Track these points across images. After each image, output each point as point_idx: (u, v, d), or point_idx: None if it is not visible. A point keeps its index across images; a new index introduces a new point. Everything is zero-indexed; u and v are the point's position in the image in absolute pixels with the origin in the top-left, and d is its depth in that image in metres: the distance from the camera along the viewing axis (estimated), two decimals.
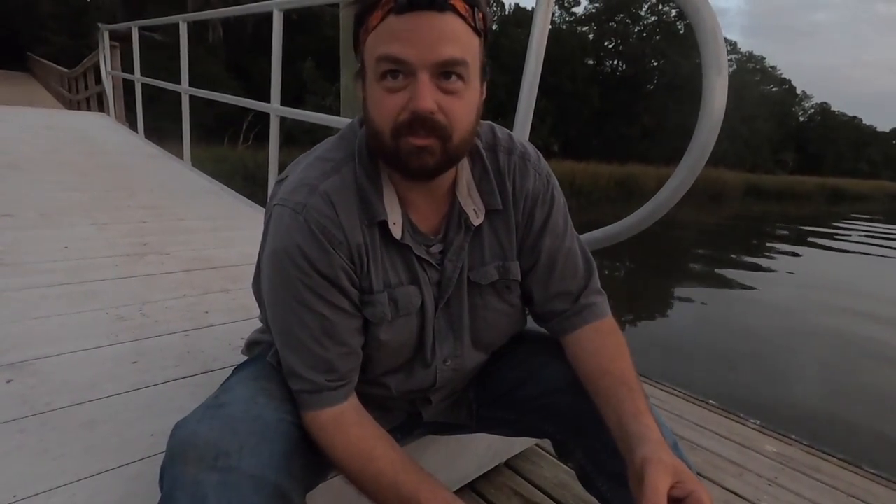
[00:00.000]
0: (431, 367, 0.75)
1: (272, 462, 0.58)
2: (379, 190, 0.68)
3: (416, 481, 0.59)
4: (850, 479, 1.36)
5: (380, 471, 0.60)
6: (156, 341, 1.20)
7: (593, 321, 0.77)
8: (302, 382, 0.65)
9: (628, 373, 0.69)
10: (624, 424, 0.63)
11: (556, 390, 0.81)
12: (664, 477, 0.52)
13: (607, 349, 0.73)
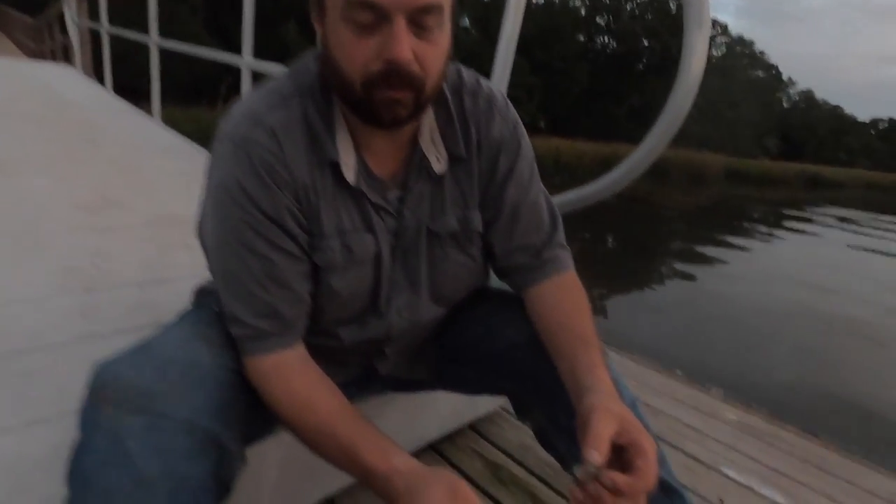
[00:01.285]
0: (385, 317, 0.72)
1: (206, 408, 0.54)
2: (331, 129, 0.63)
3: (354, 432, 0.56)
4: (807, 446, 1.39)
5: (320, 421, 0.57)
6: (108, 294, 1.14)
7: (554, 275, 0.74)
8: (244, 328, 0.61)
9: (586, 328, 0.67)
10: (577, 377, 0.61)
11: (515, 347, 0.79)
12: (608, 423, 0.51)
13: (567, 304, 0.71)
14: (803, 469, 1.29)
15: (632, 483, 0.48)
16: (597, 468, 0.48)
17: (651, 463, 0.50)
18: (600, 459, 0.48)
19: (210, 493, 0.53)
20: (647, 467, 0.49)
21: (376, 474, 0.53)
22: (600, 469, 0.48)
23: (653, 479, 0.49)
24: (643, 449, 0.50)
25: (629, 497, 0.48)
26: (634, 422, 0.53)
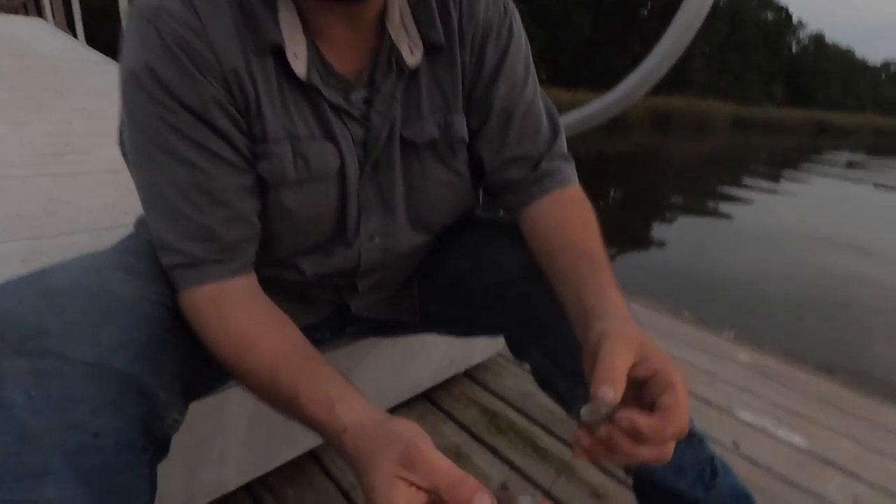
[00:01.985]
0: (354, 245, 0.60)
1: (121, 347, 0.43)
2: (271, 6, 0.50)
3: (299, 377, 0.44)
4: (824, 386, 1.31)
5: (259, 365, 0.46)
6: (57, 240, 1.03)
7: (555, 190, 0.62)
8: (173, 255, 0.50)
9: (593, 246, 0.56)
10: (582, 300, 0.50)
11: (509, 279, 0.68)
12: (623, 352, 0.39)
13: (570, 221, 0.59)
14: (820, 409, 1.21)
15: (657, 426, 0.37)
16: (610, 407, 0.37)
17: (681, 400, 0.38)
18: (614, 396, 0.37)
19: (133, 451, 0.43)
20: (677, 405, 0.37)
21: (324, 430, 0.42)
22: (614, 408, 0.37)
23: (684, 420, 0.37)
24: (670, 382, 0.38)
25: (653, 443, 0.37)
26: (655, 349, 0.41)
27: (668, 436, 0.37)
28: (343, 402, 0.42)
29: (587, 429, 0.38)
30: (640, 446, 0.37)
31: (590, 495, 0.88)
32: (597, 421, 0.37)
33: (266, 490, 0.83)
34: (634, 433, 0.36)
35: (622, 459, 0.38)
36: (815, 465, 1.02)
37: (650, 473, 0.63)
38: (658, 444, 0.38)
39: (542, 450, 0.99)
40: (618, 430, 0.37)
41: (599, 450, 0.38)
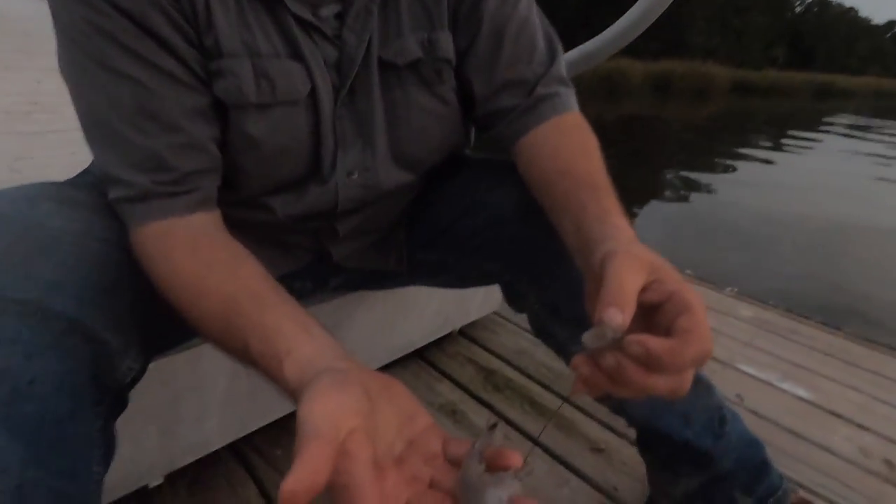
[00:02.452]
0: (329, 182, 0.54)
1: (58, 285, 0.38)
2: None
3: (244, 327, 0.37)
4: (829, 339, 1.28)
5: (209, 312, 0.40)
6: None
7: (553, 117, 0.56)
8: (120, 187, 0.44)
9: (595, 172, 0.50)
10: (583, 229, 0.44)
11: (503, 220, 0.62)
12: (633, 272, 0.33)
13: (569, 147, 0.53)
14: (825, 362, 1.18)
15: (675, 348, 0.30)
16: (617, 332, 0.31)
17: (701, 321, 0.32)
18: (623, 320, 0.31)
19: (79, 401, 0.38)
20: (697, 327, 0.31)
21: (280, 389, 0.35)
22: (622, 334, 0.31)
23: (706, 343, 0.31)
24: (687, 303, 0.32)
25: (669, 371, 0.31)
26: (671, 270, 0.35)
27: (688, 361, 0.31)
28: (290, 358, 0.34)
29: (590, 358, 0.33)
30: (653, 376, 0.31)
31: (589, 450, 0.85)
32: (602, 347, 0.32)
33: (252, 450, 0.79)
34: (647, 359, 0.31)
35: (630, 392, 0.33)
36: (820, 416, 1.00)
37: (655, 423, 0.59)
38: (674, 373, 0.32)
39: (539, 405, 0.96)
40: (627, 358, 0.31)
41: (603, 381, 0.33)
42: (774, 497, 0.60)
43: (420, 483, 0.29)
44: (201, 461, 0.73)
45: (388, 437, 0.30)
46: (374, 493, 0.25)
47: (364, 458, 0.26)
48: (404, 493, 0.28)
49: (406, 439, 0.31)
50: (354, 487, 0.25)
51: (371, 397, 0.30)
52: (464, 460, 0.30)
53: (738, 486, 0.60)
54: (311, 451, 0.25)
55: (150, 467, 0.67)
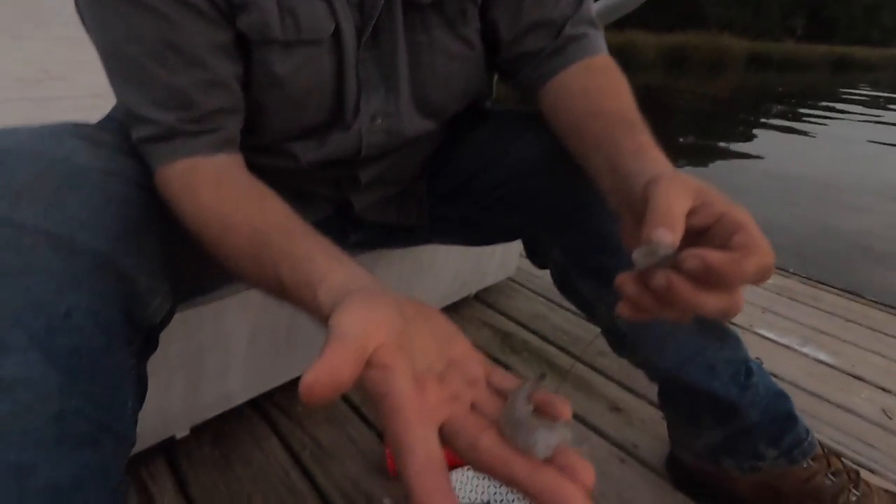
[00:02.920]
0: (353, 128, 0.53)
1: (88, 221, 0.38)
2: None
3: (275, 259, 0.36)
4: (850, 306, 1.26)
5: (237, 247, 0.39)
6: None
7: (582, 59, 0.54)
8: (144, 126, 0.43)
9: (627, 110, 0.48)
10: (620, 167, 0.42)
11: (527, 172, 0.61)
12: (680, 195, 0.32)
13: (599, 87, 0.52)
14: (846, 328, 1.16)
15: (736, 260, 0.29)
16: (669, 248, 0.30)
17: (759, 237, 0.30)
18: (673, 239, 0.30)
19: (113, 337, 0.38)
20: (755, 241, 0.30)
21: (315, 318, 0.33)
22: (673, 252, 0.30)
23: (768, 256, 0.29)
24: (739, 222, 0.31)
25: (730, 284, 0.30)
26: (718, 194, 0.33)
27: (749, 273, 0.29)
28: (323, 285, 0.33)
29: (637, 277, 0.32)
30: (706, 294, 0.30)
31: (608, 409, 0.85)
32: (652, 265, 0.30)
33: (274, 406, 0.80)
34: (706, 273, 0.29)
35: (678, 314, 0.32)
36: (841, 379, 0.99)
37: (681, 374, 0.59)
38: (729, 288, 0.30)
39: (558, 367, 0.96)
40: (679, 275, 0.30)
41: (650, 302, 0.32)
42: (800, 448, 0.60)
43: (461, 403, 0.28)
44: (225, 415, 0.74)
45: (427, 356, 0.28)
46: (414, 401, 0.24)
47: (402, 367, 0.25)
48: (446, 409, 0.27)
49: (446, 359, 0.29)
50: (394, 395, 0.24)
51: (406, 318, 0.28)
52: (511, 394, 0.28)
53: (763, 438, 0.60)
54: (333, 350, 0.23)
55: (177, 418, 0.68)
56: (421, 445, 0.23)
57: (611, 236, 0.56)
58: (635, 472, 0.73)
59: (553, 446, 0.25)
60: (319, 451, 0.73)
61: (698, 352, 0.58)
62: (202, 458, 0.70)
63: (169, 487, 0.65)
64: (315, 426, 0.77)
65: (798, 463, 0.60)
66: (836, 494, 0.58)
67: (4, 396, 0.31)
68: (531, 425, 0.26)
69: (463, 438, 0.26)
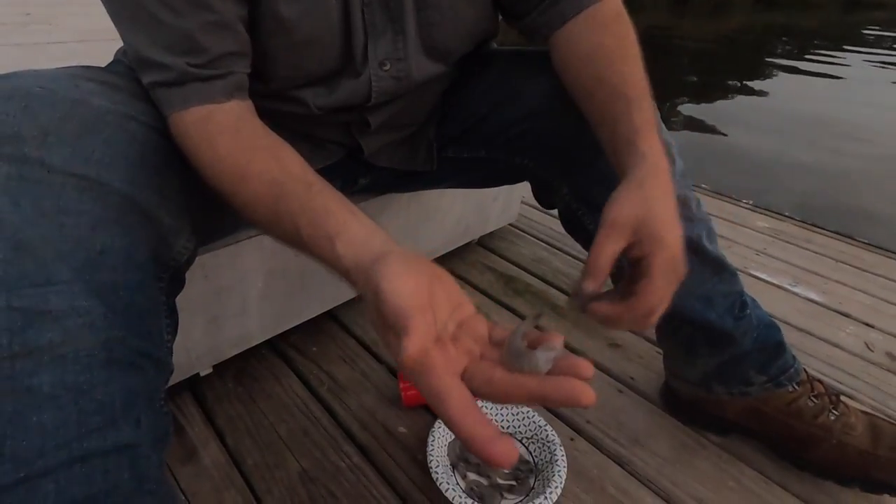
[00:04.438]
0: (363, 75, 0.53)
1: (112, 162, 0.39)
2: None
3: (293, 211, 0.39)
4: (841, 247, 1.30)
5: (255, 197, 0.41)
6: None
7: (589, 6, 0.54)
8: (155, 71, 0.43)
9: (629, 79, 0.50)
10: (616, 151, 0.48)
11: (535, 112, 0.62)
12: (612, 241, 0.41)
13: (606, 48, 0.52)
14: (837, 268, 1.20)
15: (624, 312, 0.41)
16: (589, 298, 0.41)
17: (657, 289, 0.41)
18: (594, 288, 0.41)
19: (145, 273, 0.40)
20: (649, 293, 0.41)
21: (333, 269, 0.38)
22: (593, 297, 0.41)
23: (655, 304, 0.41)
24: (652, 269, 0.41)
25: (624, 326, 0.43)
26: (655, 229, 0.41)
27: (635, 320, 0.41)
28: (342, 238, 0.37)
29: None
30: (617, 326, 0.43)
31: (607, 346, 0.90)
32: (578, 310, 0.42)
33: (289, 346, 0.84)
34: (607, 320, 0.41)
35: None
36: (829, 316, 1.03)
37: (680, 306, 0.62)
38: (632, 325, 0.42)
39: (559, 308, 0.99)
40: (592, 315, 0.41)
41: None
42: (786, 374, 0.64)
43: (473, 356, 0.33)
44: (245, 355, 0.78)
45: (443, 318, 0.33)
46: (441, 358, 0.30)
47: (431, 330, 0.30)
48: (463, 361, 0.32)
49: (457, 321, 0.34)
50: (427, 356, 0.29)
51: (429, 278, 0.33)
52: (510, 334, 0.34)
53: (753, 365, 0.64)
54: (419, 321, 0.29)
55: (200, 357, 0.71)
56: (455, 392, 0.29)
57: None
58: (632, 401, 0.78)
59: (552, 358, 0.31)
60: (336, 386, 0.77)
61: (698, 285, 0.61)
62: (226, 393, 0.74)
63: (197, 419, 0.70)
64: (330, 364, 0.81)
65: (784, 387, 0.64)
66: (817, 414, 0.63)
67: (56, 325, 0.34)
68: (528, 352, 0.32)
69: (479, 379, 0.31)
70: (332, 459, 0.66)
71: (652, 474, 0.67)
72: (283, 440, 0.68)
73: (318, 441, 0.68)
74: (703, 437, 0.72)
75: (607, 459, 0.68)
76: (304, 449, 0.67)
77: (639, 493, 0.64)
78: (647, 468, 0.67)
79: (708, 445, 0.71)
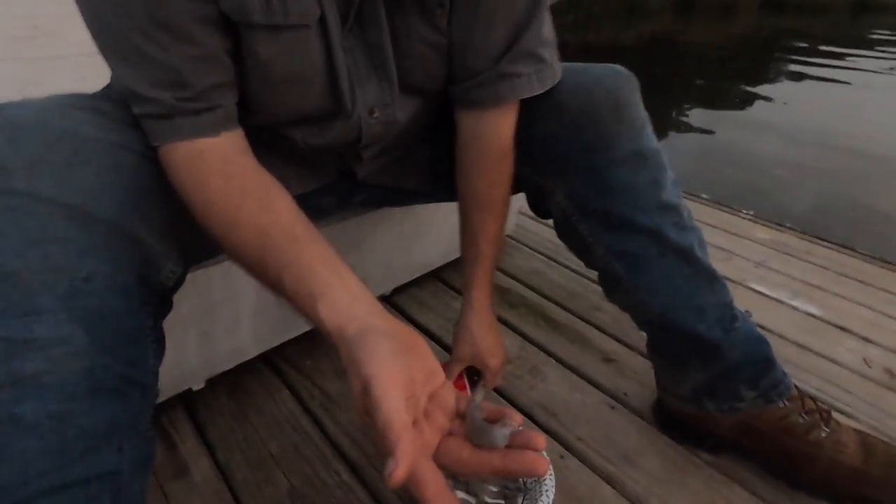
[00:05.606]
0: (353, 117, 0.54)
1: (99, 191, 0.40)
2: None
3: (280, 263, 0.40)
4: (843, 260, 1.29)
5: (244, 243, 0.42)
6: None
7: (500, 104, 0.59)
8: (143, 104, 0.44)
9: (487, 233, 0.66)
10: (466, 263, 0.69)
11: (533, 119, 0.62)
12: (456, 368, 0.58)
13: (492, 161, 0.63)
14: (839, 282, 1.19)
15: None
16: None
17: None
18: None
19: (131, 299, 0.41)
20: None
21: (315, 326, 0.40)
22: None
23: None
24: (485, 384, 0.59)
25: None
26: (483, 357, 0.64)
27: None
28: (325, 299, 0.38)
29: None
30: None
31: (601, 360, 0.90)
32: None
33: (283, 360, 0.85)
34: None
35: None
36: (828, 331, 1.02)
37: (671, 316, 0.62)
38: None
39: (554, 321, 0.99)
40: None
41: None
42: (776, 390, 0.64)
43: (444, 432, 0.38)
44: (238, 370, 0.79)
45: (419, 392, 0.37)
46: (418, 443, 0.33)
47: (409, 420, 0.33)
48: (436, 440, 0.36)
49: (428, 393, 0.38)
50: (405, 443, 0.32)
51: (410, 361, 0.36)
52: (467, 412, 0.38)
53: (743, 380, 0.64)
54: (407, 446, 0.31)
55: (192, 372, 0.72)
56: (430, 478, 0.33)
57: (612, 179, 0.59)
58: (624, 417, 0.78)
59: (507, 435, 0.36)
60: (327, 401, 0.78)
61: (690, 295, 0.61)
62: (219, 408, 0.75)
63: (189, 434, 0.71)
64: (323, 378, 0.82)
65: (774, 403, 0.64)
66: (808, 430, 0.63)
67: (40, 354, 0.34)
68: (487, 428, 0.37)
69: (450, 457, 0.36)
70: (322, 476, 0.66)
71: (643, 494, 0.66)
72: (274, 456, 0.68)
73: (309, 457, 0.69)
74: (695, 455, 0.72)
75: (597, 478, 0.68)
76: (294, 465, 0.67)
77: None
78: (638, 487, 0.67)
79: (700, 465, 0.71)
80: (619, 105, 0.59)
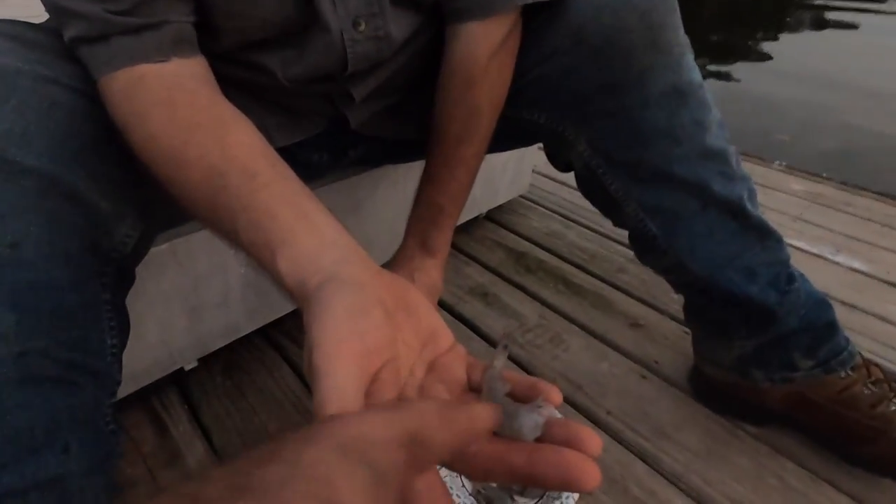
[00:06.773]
0: (333, 31, 0.45)
1: (26, 135, 0.32)
2: None
3: (233, 206, 0.31)
4: (886, 209, 1.18)
5: (192, 186, 0.33)
6: None
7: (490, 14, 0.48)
8: (75, 22, 0.36)
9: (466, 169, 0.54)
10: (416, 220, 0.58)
11: (545, 56, 0.52)
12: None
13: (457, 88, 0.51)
14: (883, 233, 1.09)
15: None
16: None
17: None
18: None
19: (77, 269, 0.33)
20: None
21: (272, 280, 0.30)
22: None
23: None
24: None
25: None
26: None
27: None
28: (285, 249, 0.28)
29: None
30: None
31: (628, 326, 0.82)
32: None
33: (282, 334, 0.78)
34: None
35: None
36: (876, 287, 0.93)
37: (716, 278, 0.54)
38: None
39: (575, 285, 0.92)
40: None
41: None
42: (838, 359, 0.56)
43: None
44: (235, 346, 0.73)
45: (410, 362, 0.27)
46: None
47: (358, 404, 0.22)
48: None
49: (427, 362, 0.28)
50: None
51: (390, 315, 0.26)
52: (485, 382, 0.27)
53: (799, 347, 0.56)
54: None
55: (182, 350, 0.66)
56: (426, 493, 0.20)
57: (645, 123, 0.49)
58: (657, 388, 0.71)
59: (541, 424, 0.23)
60: None
61: (737, 254, 0.53)
62: (214, 388, 0.69)
63: (182, 417, 0.65)
64: None
65: (835, 373, 0.56)
66: (875, 403, 0.55)
67: None
68: (512, 410, 0.24)
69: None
70: None
71: (681, 471, 0.60)
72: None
73: None
74: (737, 427, 0.65)
75: (630, 455, 0.62)
76: None
77: (666, 492, 0.58)
78: (676, 464, 0.61)
79: (744, 437, 0.64)
80: (653, 28, 0.48)
